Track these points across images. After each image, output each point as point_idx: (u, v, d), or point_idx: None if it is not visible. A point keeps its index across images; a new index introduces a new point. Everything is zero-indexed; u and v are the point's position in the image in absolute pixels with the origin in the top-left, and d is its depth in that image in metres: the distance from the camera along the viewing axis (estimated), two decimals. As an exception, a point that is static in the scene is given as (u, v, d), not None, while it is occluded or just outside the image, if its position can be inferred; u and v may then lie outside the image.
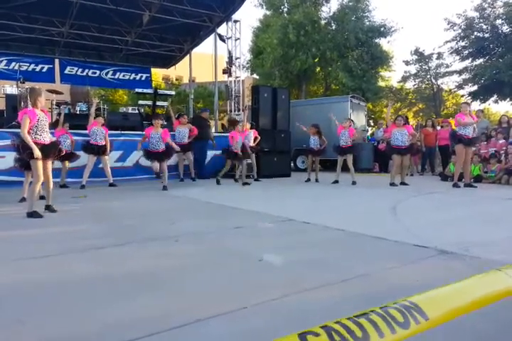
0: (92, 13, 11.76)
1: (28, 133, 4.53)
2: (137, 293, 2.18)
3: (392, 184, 7.93)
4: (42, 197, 5.36)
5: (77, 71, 14.76)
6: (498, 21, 19.20)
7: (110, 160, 8.42)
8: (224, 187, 8.15)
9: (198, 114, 11.11)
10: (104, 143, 7.91)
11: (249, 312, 1.90)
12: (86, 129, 7.99)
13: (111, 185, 8.02)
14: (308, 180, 9.25)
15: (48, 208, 4.92)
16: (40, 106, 4.74)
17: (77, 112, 12.41)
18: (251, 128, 9.60)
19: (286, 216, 4.45)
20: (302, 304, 2.00)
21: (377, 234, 3.50)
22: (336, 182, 8.56)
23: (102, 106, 13.46)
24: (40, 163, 4.58)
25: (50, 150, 4.71)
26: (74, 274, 2.50)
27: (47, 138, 4.74)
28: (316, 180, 9.18)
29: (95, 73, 15.10)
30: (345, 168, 8.68)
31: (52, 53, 14.76)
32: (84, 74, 14.79)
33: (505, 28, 19.21)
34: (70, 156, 7.66)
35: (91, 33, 13.39)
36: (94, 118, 8.06)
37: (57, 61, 14.63)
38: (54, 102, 12.73)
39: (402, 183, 8.06)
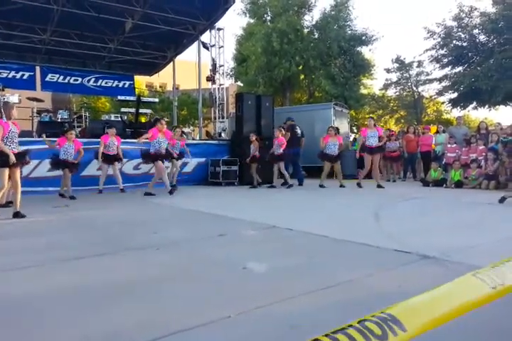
0: (74, 20, 11.66)
1: None
2: (118, 303, 2.13)
3: (321, 186, 9.06)
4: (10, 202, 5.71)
5: (58, 78, 14.55)
6: (475, 31, 19.71)
7: (92, 168, 8.67)
8: (205, 195, 8.11)
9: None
10: (115, 153, 8.34)
11: (232, 321, 1.88)
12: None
13: (122, 190, 8.30)
14: (254, 186, 9.49)
15: (17, 215, 5.02)
16: (13, 118, 5.19)
17: (59, 120, 12.22)
18: (181, 135, 9.81)
19: (270, 223, 4.44)
20: (286, 312, 1.99)
21: (360, 239, 3.51)
22: (273, 186, 9.39)
23: (83, 114, 13.31)
24: (6, 171, 4.92)
25: (17, 159, 5.07)
26: (51, 285, 2.44)
27: (15, 148, 5.17)
28: (259, 184, 9.65)
29: (77, 80, 14.93)
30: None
31: (33, 60, 14.56)
32: (66, 81, 14.62)
33: (482, 38, 19.71)
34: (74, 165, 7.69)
35: (73, 40, 13.25)
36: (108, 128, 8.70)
37: (38, 68, 14.41)
38: (35, 110, 12.54)
39: (341, 186, 9.09)
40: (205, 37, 13.61)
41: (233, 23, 48.84)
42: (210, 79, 13.73)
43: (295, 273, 2.64)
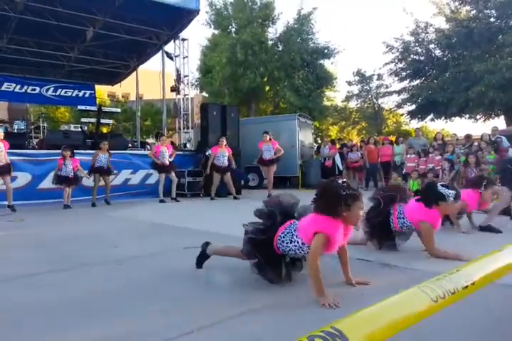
0: (32, 28, 11.30)
1: None
2: (73, 322, 2.03)
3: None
4: None
5: (15, 88, 13.96)
6: (431, 46, 20.65)
7: (44, 181, 8.10)
8: (169, 207, 7.98)
9: None
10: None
11: (195, 336, 1.83)
12: (23, 149, 7.59)
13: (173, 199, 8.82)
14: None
15: None
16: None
17: (15, 131, 11.74)
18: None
19: (235, 234, 4.38)
20: (249, 326, 1.96)
21: (324, 250, 3.53)
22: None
23: (41, 125, 12.85)
24: None
25: None
26: (1, 303, 2.30)
27: None
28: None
29: (35, 90, 14.39)
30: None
31: (-12, 69, 13.98)
32: (23, 91, 14.06)
33: (438, 52, 20.66)
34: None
35: (31, 48, 12.83)
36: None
37: (-7, 77, 13.84)
38: (-10, 120, 12.02)
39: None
40: (170, 47, 13.55)
41: (198, 33, 49.06)
42: (175, 89, 13.63)
43: (260, 284, 2.61)
